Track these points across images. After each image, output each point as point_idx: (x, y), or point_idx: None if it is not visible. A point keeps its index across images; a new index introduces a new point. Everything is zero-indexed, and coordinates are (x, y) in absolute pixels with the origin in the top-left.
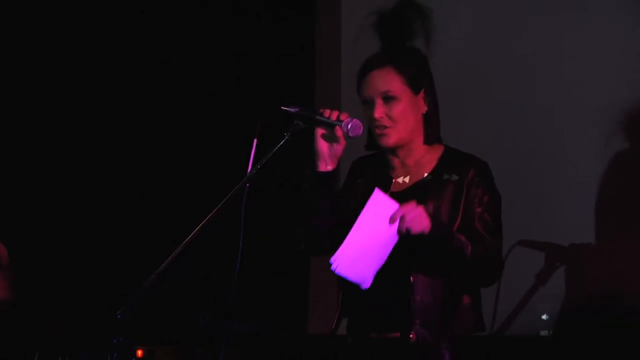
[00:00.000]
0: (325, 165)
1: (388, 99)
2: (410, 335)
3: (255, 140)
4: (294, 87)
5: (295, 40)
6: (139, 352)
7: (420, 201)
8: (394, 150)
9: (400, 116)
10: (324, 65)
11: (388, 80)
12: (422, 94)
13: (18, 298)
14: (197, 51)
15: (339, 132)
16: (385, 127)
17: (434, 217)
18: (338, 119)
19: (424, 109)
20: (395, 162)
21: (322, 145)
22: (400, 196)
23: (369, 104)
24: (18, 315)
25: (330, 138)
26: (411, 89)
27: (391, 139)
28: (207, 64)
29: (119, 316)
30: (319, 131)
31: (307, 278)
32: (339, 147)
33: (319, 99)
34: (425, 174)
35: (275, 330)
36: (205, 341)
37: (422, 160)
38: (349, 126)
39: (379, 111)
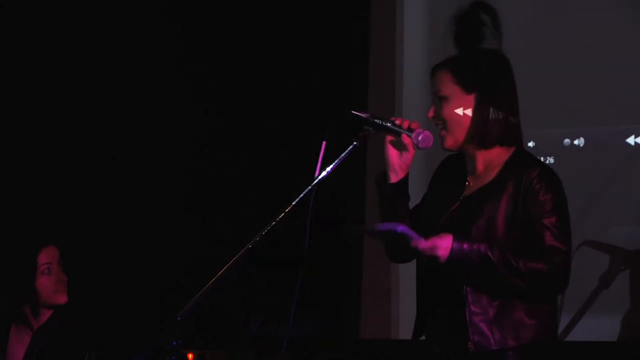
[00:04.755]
0: (396, 176)
1: (439, 99)
2: (469, 345)
3: (324, 143)
4: (348, 90)
5: (350, 43)
6: (190, 356)
7: (479, 210)
8: (466, 152)
9: (448, 115)
10: (378, 69)
11: (440, 81)
12: (474, 95)
13: (71, 301)
14: (248, 56)
15: (406, 141)
16: (440, 128)
17: (454, 249)
18: (409, 129)
19: (476, 111)
20: (469, 166)
21: (392, 155)
22: (467, 202)
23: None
24: (71, 318)
25: (399, 146)
26: (462, 88)
27: (447, 141)
28: (261, 69)
29: (179, 318)
30: (388, 138)
31: (359, 283)
32: (408, 156)
33: (373, 102)
34: (491, 179)
35: (328, 335)
36: (255, 346)
37: (491, 164)
38: (420, 137)
39: (430, 111)
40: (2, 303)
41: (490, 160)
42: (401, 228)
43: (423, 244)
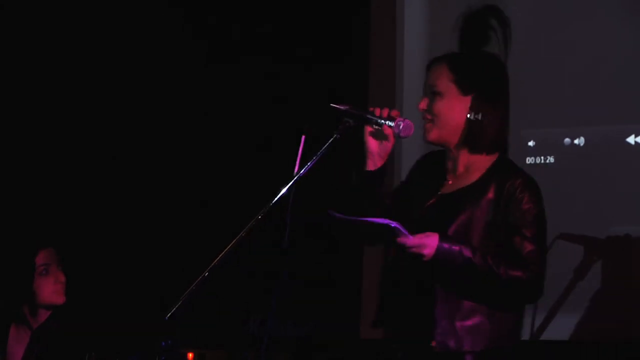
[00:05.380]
0: (374, 164)
1: (433, 94)
2: (432, 344)
3: (303, 137)
4: (347, 87)
5: (349, 40)
6: (190, 356)
7: (458, 210)
8: (449, 151)
9: (439, 112)
10: (378, 66)
11: (437, 76)
12: (471, 97)
13: (69, 301)
14: (248, 52)
15: (387, 131)
16: (426, 120)
17: (440, 249)
18: (390, 118)
19: (471, 113)
20: (449, 163)
21: (372, 144)
22: (445, 200)
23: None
24: (69, 318)
25: (380, 136)
26: (458, 88)
27: (431, 134)
28: (259, 65)
29: (166, 318)
30: (368, 129)
31: (359, 283)
32: (388, 145)
33: (372, 99)
34: (472, 181)
35: (328, 335)
36: (255, 346)
37: (473, 166)
38: (401, 126)
39: (422, 103)
40: (1, 304)
41: (473, 163)
42: (394, 224)
43: (410, 241)
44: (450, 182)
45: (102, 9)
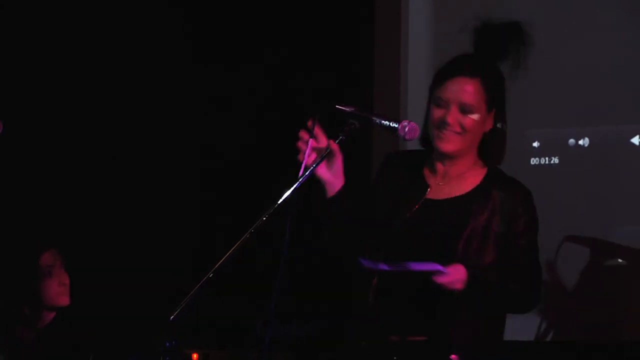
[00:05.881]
0: (333, 188)
1: (465, 111)
2: (452, 357)
3: (311, 141)
4: (352, 90)
5: (355, 44)
6: (194, 356)
7: (463, 219)
8: (445, 157)
9: (472, 128)
10: (383, 69)
11: (472, 93)
12: (492, 113)
13: (73, 303)
14: (253, 54)
15: (333, 146)
16: (454, 132)
17: (469, 278)
18: (394, 120)
19: (488, 128)
20: (439, 168)
21: (324, 174)
22: (439, 206)
23: (441, 105)
24: (73, 320)
25: (327, 160)
26: (487, 106)
27: (454, 145)
28: (261, 66)
29: (172, 319)
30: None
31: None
32: (338, 162)
33: (377, 100)
34: (469, 189)
35: (328, 335)
36: (258, 346)
37: (466, 174)
38: (406, 129)
39: (453, 117)
40: (2, 304)
41: (468, 170)
42: (440, 267)
43: (442, 278)
44: (439, 185)
45: (102, 9)
